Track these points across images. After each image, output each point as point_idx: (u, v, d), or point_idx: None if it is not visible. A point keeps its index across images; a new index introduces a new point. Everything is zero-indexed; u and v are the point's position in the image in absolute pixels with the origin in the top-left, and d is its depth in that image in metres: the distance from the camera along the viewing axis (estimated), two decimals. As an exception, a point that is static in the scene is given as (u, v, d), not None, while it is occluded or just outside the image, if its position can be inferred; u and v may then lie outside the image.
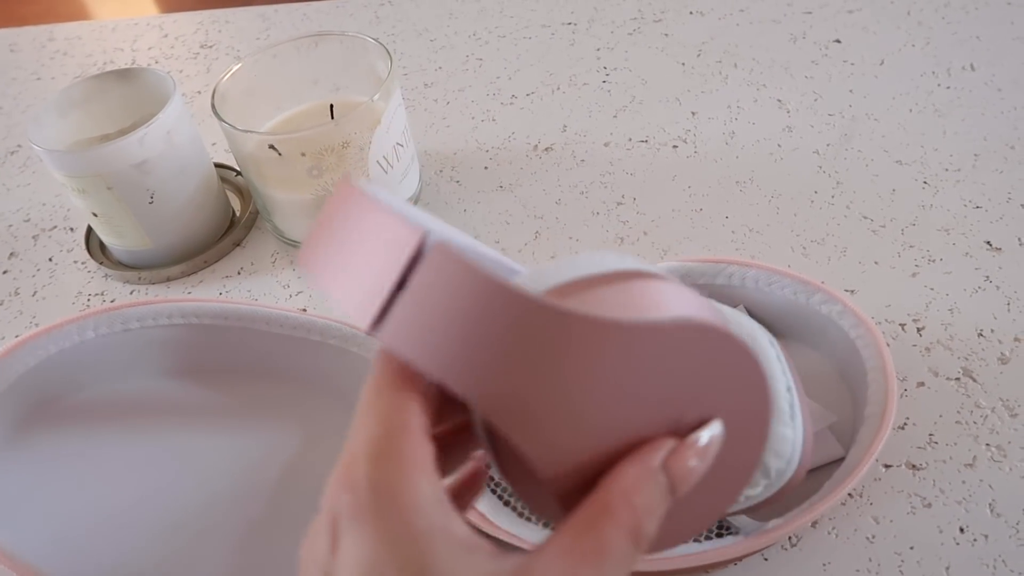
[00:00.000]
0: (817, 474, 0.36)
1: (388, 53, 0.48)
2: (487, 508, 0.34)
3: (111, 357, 0.36)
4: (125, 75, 0.51)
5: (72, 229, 0.56)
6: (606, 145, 0.56)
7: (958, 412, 0.38)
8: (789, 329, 0.41)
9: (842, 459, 0.35)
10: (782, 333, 0.41)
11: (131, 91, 0.51)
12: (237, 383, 0.38)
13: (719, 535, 0.34)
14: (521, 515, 0.35)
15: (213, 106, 0.47)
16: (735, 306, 0.41)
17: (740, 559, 0.34)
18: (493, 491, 0.36)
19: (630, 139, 0.56)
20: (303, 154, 0.46)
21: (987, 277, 0.44)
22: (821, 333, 0.39)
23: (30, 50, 0.78)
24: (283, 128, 0.53)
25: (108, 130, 0.52)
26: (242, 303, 0.38)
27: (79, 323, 0.35)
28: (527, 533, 0.33)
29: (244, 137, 0.46)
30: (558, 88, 0.62)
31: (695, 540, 0.33)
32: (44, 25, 0.81)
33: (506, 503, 0.35)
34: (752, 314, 0.41)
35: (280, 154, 0.46)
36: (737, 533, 0.33)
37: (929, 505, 0.35)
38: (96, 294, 0.51)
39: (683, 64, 0.63)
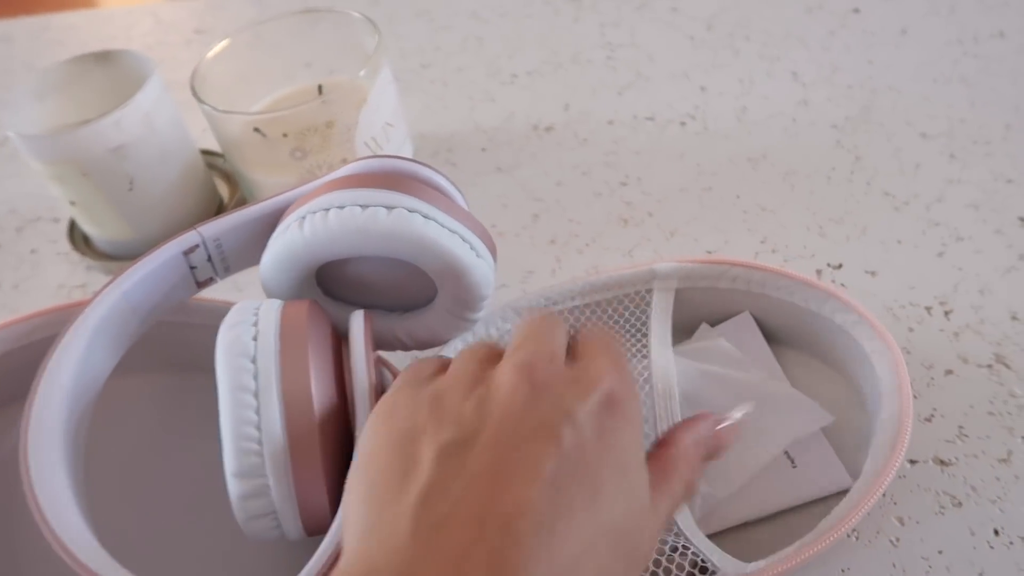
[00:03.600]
0: (819, 505, 0.32)
1: (374, 27, 0.46)
2: None
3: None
4: (104, 57, 0.49)
5: (56, 220, 0.54)
6: (610, 124, 0.53)
7: (991, 402, 0.35)
8: (798, 339, 0.37)
9: (847, 491, 0.31)
10: (789, 343, 0.37)
11: (111, 74, 0.49)
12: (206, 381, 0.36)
13: (692, 573, 0.30)
14: None
15: (192, 87, 0.45)
16: (739, 312, 0.38)
17: None
18: None
19: (635, 117, 0.53)
20: (285, 135, 0.43)
21: (1021, 256, 0.41)
22: (832, 344, 0.35)
23: (24, 39, 0.77)
24: (270, 110, 0.50)
25: (89, 115, 0.50)
26: (203, 300, 0.35)
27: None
28: None
29: (224, 118, 0.44)
30: (560, 66, 0.59)
31: None
32: (39, 15, 0.80)
33: None
34: (758, 320, 0.37)
35: (264, 135, 0.44)
36: (715, 573, 0.29)
37: (960, 504, 0.32)
38: (78, 286, 0.49)
39: (692, 38, 0.59)
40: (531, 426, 0.22)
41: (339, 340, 0.30)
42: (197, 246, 0.32)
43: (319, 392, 0.26)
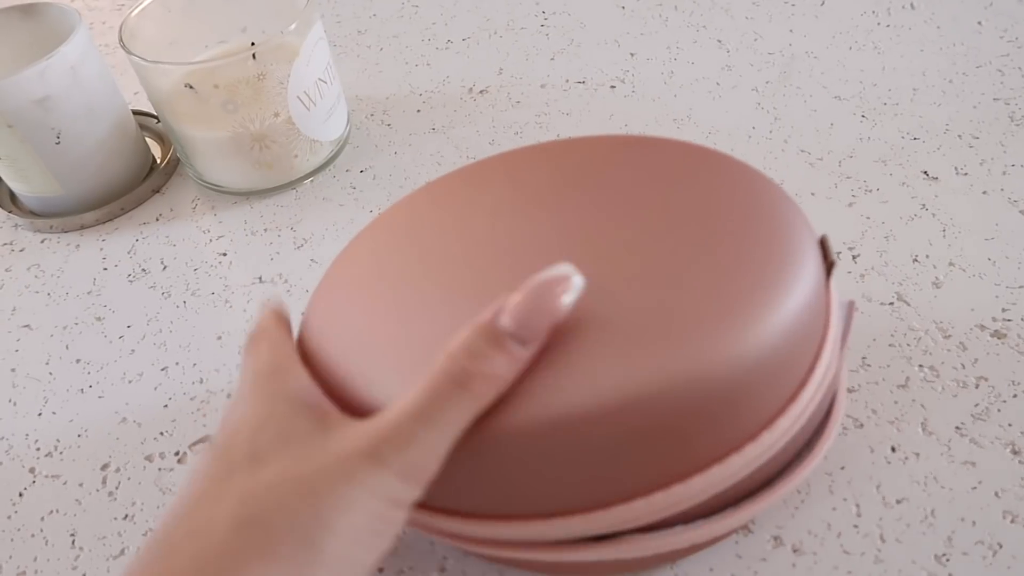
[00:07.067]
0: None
1: (307, -18, 0.46)
2: None
3: None
4: (28, 11, 0.48)
5: (-19, 180, 0.53)
6: (542, 87, 0.54)
7: (891, 335, 0.37)
8: None
9: None
10: None
11: (37, 28, 0.48)
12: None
13: None
14: None
15: (121, 39, 0.44)
16: None
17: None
18: None
19: (567, 80, 0.55)
20: (216, 86, 0.43)
21: (923, 205, 0.43)
22: None
23: (-54, 5, 0.74)
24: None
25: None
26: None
27: None
28: None
29: (154, 71, 0.44)
30: (495, 32, 0.60)
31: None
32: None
33: None
34: None
35: (193, 88, 0.44)
36: None
37: (861, 426, 0.34)
38: (5, 243, 0.48)
39: (623, 8, 0.61)
40: None
41: None
42: None
43: None
